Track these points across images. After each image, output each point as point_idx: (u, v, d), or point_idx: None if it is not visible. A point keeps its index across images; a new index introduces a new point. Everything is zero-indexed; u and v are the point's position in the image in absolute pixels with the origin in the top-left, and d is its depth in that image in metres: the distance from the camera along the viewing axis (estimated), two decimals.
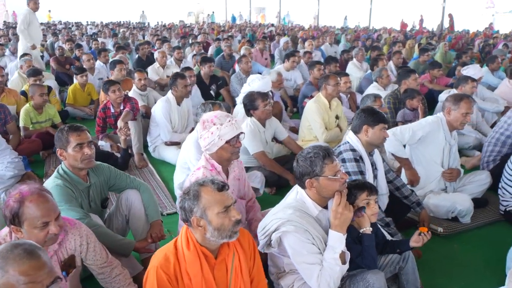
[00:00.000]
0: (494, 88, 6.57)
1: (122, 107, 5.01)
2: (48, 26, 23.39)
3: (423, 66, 8.06)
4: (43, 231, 1.91)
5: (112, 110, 5.08)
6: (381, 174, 3.03)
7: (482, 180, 3.67)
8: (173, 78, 4.89)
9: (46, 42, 13.81)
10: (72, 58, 9.72)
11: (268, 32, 18.94)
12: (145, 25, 27.18)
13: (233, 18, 34.73)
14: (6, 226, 1.98)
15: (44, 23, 23.81)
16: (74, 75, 6.92)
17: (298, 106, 6.36)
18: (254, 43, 11.61)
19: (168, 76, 6.94)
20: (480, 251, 3.14)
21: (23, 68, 6.67)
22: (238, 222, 1.88)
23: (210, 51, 11.59)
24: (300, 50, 10.17)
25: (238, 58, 7.35)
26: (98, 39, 13.67)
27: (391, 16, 27.23)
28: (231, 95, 6.69)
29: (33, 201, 1.88)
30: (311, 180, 2.19)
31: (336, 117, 4.83)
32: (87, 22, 27.35)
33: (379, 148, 3.24)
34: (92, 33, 18.50)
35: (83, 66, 7.18)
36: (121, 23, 26.91)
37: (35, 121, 5.12)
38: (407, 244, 2.35)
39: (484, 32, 19.83)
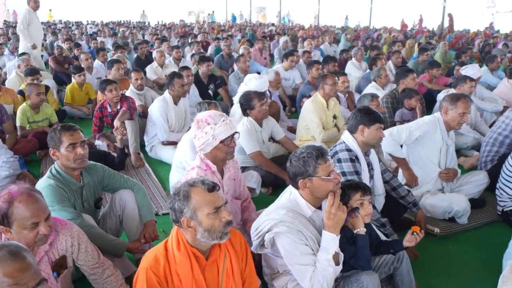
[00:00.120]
0: (493, 88, 6.53)
1: (119, 107, 5.00)
2: (48, 25, 23.36)
3: (422, 65, 8.03)
4: (33, 231, 1.89)
5: (109, 110, 5.06)
6: (377, 174, 3.01)
7: (479, 180, 3.65)
8: (170, 77, 4.88)
9: (46, 41, 13.78)
10: (71, 57, 9.69)
11: (268, 32, 18.91)
12: (145, 24, 27.17)
13: (233, 18, 34.71)
14: None
15: (44, 22, 23.77)
16: (72, 74, 6.90)
17: (297, 106, 6.34)
18: (254, 43, 11.59)
19: (166, 76, 6.92)
20: (477, 252, 3.12)
21: (20, 67, 6.66)
22: (229, 223, 1.85)
23: (209, 51, 11.58)
24: (299, 49, 10.14)
25: (236, 57, 7.33)
26: (97, 38, 13.63)
27: (392, 16, 27.19)
28: (229, 95, 6.68)
29: (22, 201, 1.86)
30: (304, 181, 2.17)
31: (334, 116, 4.81)
32: (87, 22, 27.35)
33: (376, 149, 3.22)
34: (92, 32, 18.46)
35: (81, 66, 7.16)
36: (121, 22, 26.88)
37: (32, 120, 5.11)
38: (400, 244, 2.33)
39: (485, 31, 19.78)
